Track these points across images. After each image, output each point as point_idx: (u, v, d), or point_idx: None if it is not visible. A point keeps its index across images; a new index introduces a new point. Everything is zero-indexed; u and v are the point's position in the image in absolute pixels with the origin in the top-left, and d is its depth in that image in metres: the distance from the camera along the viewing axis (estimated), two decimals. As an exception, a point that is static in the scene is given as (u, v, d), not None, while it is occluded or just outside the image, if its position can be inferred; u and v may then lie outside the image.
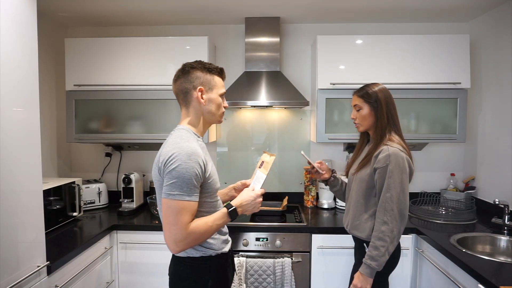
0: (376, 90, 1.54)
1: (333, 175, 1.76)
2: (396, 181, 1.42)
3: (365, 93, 1.55)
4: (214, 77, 1.32)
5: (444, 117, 2.29)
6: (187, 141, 1.22)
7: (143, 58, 2.33)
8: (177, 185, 1.15)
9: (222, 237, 1.36)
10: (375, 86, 1.57)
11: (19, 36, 1.33)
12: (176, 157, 1.15)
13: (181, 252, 1.26)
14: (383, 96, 1.53)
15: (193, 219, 1.20)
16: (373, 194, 1.52)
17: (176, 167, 1.15)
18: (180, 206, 1.15)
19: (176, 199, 1.15)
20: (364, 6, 2.27)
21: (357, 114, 1.59)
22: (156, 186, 1.27)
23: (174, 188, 1.15)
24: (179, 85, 1.31)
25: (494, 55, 2.30)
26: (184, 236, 1.16)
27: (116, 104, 2.37)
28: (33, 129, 1.41)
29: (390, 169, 1.43)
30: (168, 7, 2.29)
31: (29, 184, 1.39)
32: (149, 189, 2.65)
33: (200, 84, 1.30)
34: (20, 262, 1.34)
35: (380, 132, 1.53)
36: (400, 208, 1.43)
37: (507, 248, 1.86)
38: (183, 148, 1.17)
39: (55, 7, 2.28)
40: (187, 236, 1.16)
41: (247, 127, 2.72)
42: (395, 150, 1.45)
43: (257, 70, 2.46)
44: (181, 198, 1.15)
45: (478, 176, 2.48)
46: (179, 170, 1.14)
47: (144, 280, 2.13)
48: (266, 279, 2.00)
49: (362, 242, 1.56)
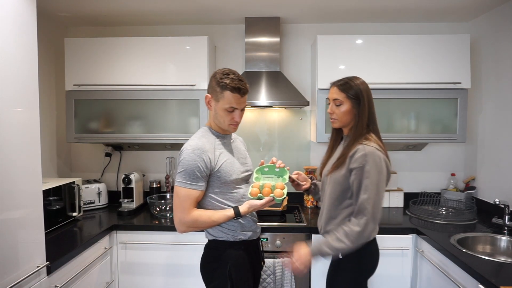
0: (358, 83, 1.42)
1: (313, 183, 1.67)
2: (373, 182, 1.33)
3: (348, 87, 1.42)
4: (225, 92, 1.38)
5: (444, 117, 2.29)
6: (199, 138, 1.42)
7: (143, 58, 2.32)
8: (182, 174, 1.36)
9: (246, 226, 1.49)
10: (356, 79, 1.45)
11: (19, 36, 1.33)
12: (183, 151, 1.38)
13: (209, 235, 1.48)
14: (366, 92, 1.42)
15: (197, 206, 1.41)
16: (347, 196, 1.42)
17: (182, 159, 1.36)
18: (183, 192, 1.36)
19: (181, 186, 1.36)
20: (364, 6, 2.27)
21: (335, 109, 1.46)
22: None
23: (181, 177, 1.36)
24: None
25: (494, 55, 2.30)
26: (186, 219, 1.36)
27: (116, 104, 2.37)
28: (33, 129, 1.41)
29: (367, 169, 1.33)
30: (168, 7, 2.29)
31: (29, 184, 1.39)
32: (149, 189, 2.65)
33: (210, 92, 1.44)
34: (20, 262, 1.33)
35: (359, 131, 1.42)
36: (374, 211, 1.33)
37: (507, 248, 1.86)
38: (190, 144, 1.39)
39: (55, 7, 2.28)
40: (189, 220, 1.36)
41: (247, 127, 2.71)
42: (372, 149, 1.35)
43: (257, 70, 2.46)
44: (184, 186, 1.36)
45: (479, 176, 2.48)
46: (184, 162, 1.36)
47: (144, 280, 2.12)
48: (266, 279, 2.00)
49: None
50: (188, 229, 1.39)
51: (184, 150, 1.38)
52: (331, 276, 1.52)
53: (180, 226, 1.38)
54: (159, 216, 2.30)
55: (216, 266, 1.44)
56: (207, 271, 1.47)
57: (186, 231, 1.40)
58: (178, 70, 2.32)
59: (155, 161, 2.75)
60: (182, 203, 1.36)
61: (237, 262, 1.43)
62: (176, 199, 1.37)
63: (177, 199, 1.37)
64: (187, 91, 2.30)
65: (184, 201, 1.35)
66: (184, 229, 1.39)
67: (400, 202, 2.54)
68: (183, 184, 1.35)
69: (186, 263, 2.09)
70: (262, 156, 2.73)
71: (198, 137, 1.42)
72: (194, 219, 1.36)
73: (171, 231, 2.09)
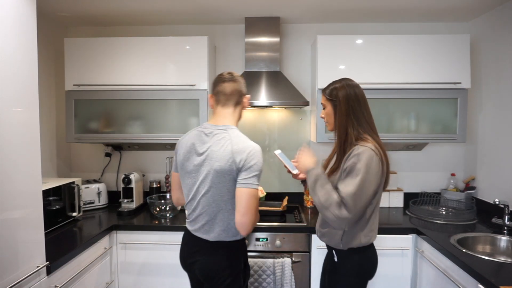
0: (338, 86, 1.44)
1: None
2: (361, 179, 1.29)
3: (326, 89, 1.49)
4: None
5: (444, 117, 2.29)
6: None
7: (143, 58, 2.32)
8: (258, 176, 1.38)
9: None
10: (338, 82, 1.46)
11: (19, 36, 1.33)
12: (255, 153, 1.38)
13: (229, 237, 1.46)
14: (344, 93, 1.41)
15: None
16: None
17: (257, 162, 1.37)
18: (256, 194, 1.38)
19: (256, 188, 1.37)
20: (364, 6, 2.27)
21: (324, 112, 1.52)
22: (221, 178, 1.40)
23: (257, 179, 1.38)
24: (238, 86, 1.50)
25: (494, 55, 2.30)
26: (257, 221, 1.43)
27: (116, 104, 2.37)
28: (33, 129, 1.41)
29: (358, 167, 1.30)
30: (168, 7, 2.29)
31: (29, 184, 1.38)
32: (149, 189, 2.65)
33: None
34: (20, 262, 1.33)
35: (341, 131, 1.42)
36: (355, 207, 1.28)
37: (507, 248, 1.86)
38: (254, 146, 1.41)
39: (55, 7, 2.28)
40: (257, 221, 1.43)
41: (247, 127, 2.71)
42: (365, 149, 1.33)
43: (257, 70, 2.46)
44: (257, 187, 1.39)
45: (478, 176, 2.48)
46: (259, 164, 1.38)
47: (144, 281, 2.12)
48: (266, 279, 2.00)
49: (331, 250, 1.49)
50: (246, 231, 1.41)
51: (254, 152, 1.38)
52: (330, 279, 1.52)
53: (251, 228, 1.40)
54: (159, 216, 2.30)
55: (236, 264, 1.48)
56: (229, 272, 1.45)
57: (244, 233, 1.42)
58: (178, 70, 2.32)
59: (155, 161, 2.75)
60: (256, 205, 1.38)
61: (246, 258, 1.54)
62: (255, 202, 1.37)
63: (255, 201, 1.37)
64: (187, 91, 2.30)
65: (257, 202, 1.39)
66: (251, 229, 1.41)
67: (400, 202, 2.54)
68: (257, 187, 1.38)
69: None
70: (262, 156, 2.73)
71: (248, 138, 1.45)
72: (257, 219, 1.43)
73: (171, 231, 2.09)
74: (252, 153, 1.37)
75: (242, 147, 1.37)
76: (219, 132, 1.44)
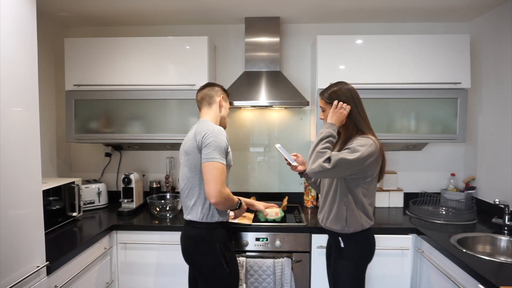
0: (336, 89, 1.59)
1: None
2: (356, 153, 1.46)
3: (323, 93, 1.63)
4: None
5: (444, 117, 2.29)
6: (215, 125, 1.66)
7: (143, 58, 2.32)
8: (218, 151, 1.55)
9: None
10: (335, 86, 1.61)
11: (19, 36, 1.33)
12: (212, 132, 1.57)
13: (201, 219, 1.62)
14: (344, 96, 1.57)
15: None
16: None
17: (215, 138, 1.56)
18: (221, 167, 1.54)
19: (218, 161, 1.54)
20: (364, 6, 2.27)
21: (323, 114, 1.66)
22: (189, 157, 1.63)
23: (217, 154, 1.54)
24: (206, 91, 1.79)
25: (494, 55, 2.30)
26: (225, 191, 1.58)
27: (116, 104, 2.37)
28: (33, 129, 1.41)
29: (355, 146, 1.48)
30: (168, 7, 2.29)
31: (29, 184, 1.38)
32: (149, 189, 2.65)
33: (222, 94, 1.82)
34: (20, 262, 1.33)
35: (345, 130, 1.59)
36: (337, 164, 1.44)
37: (507, 248, 1.86)
38: (214, 127, 1.61)
39: (55, 7, 2.28)
40: (226, 193, 1.59)
41: (247, 127, 2.72)
42: (366, 137, 1.52)
43: (257, 70, 2.46)
44: (221, 161, 1.55)
45: (478, 176, 2.48)
46: (218, 141, 1.56)
47: (144, 280, 2.12)
48: (266, 279, 2.00)
49: (337, 236, 1.61)
50: (223, 202, 1.55)
51: (211, 132, 1.56)
52: (337, 265, 1.62)
53: (219, 196, 1.52)
54: (159, 216, 2.30)
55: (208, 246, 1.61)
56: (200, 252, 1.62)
57: (220, 204, 1.55)
58: (178, 70, 2.32)
59: (155, 161, 2.75)
60: (222, 177, 1.54)
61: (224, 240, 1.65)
62: (217, 172, 1.52)
63: (217, 171, 1.52)
64: (187, 91, 2.30)
65: (222, 175, 1.54)
66: (222, 201, 1.54)
67: (400, 202, 2.54)
68: (220, 160, 1.54)
69: (186, 263, 2.08)
70: (261, 156, 2.73)
71: (214, 124, 1.65)
72: (228, 193, 1.59)
73: (171, 231, 2.09)
74: (208, 133, 1.57)
75: (201, 130, 1.59)
76: (195, 125, 1.71)
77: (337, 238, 1.61)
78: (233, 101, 2.24)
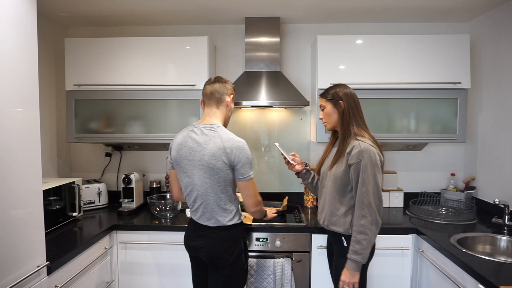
0: (337, 89, 1.64)
1: (305, 168, 1.85)
2: (370, 175, 1.49)
3: (326, 92, 1.67)
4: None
5: (444, 117, 2.29)
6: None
7: (143, 58, 2.32)
8: (251, 167, 1.60)
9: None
10: (336, 87, 1.66)
11: (19, 36, 1.33)
12: (244, 147, 1.57)
13: (227, 222, 1.64)
14: (343, 94, 1.62)
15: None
16: (348, 189, 1.58)
17: (246, 154, 1.57)
18: (254, 180, 1.63)
19: (253, 177, 1.61)
20: (364, 6, 2.27)
21: (322, 113, 1.70)
22: (215, 172, 1.57)
23: (250, 170, 1.59)
24: (218, 86, 1.68)
25: (494, 55, 2.30)
26: (261, 201, 1.72)
27: (116, 104, 2.37)
28: (33, 129, 1.41)
29: (363, 164, 1.49)
30: (168, 7, 2.29)
31: (29, 184, 1.39)
32: (149, 189, 2.65)
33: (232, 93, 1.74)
34: (20, 262, 1.34)
35: (345, 126, 1.61)
36: (376, 200, 1.49)
37: (507, 248, 1.86)
38: (240, 139, 1.59)
39: (55, 7, 2.28)
40: (261, 202, 1.72)
41: (247, 127, 2.72)
42: (366, 146, 1.52)
43: (257, 70, 2.46)
44: (253, 175, 1.62)
45: (478, 176, 2.48)
46: (250, 157, 1.59)
47: (144, 280, 2.13)
48: (266, 279, 2.00)
49: (340, 236, 1.62)
50: (260, 210, 1.70)
51: (244, 146, 1.56)
52: (338, 263, 1.63)
53: (259, 207, 1.68)
54: (159, 216, 2.30)
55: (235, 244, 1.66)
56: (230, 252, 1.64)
57: (258, 212, 1.70)
58: (178, 70, 2.32)
59: (155, 161, 2.75)
60: (256, 188, 1.64)
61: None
62: (254, 186, 1.63)
63: (254, 185, 1.62)
64: (187, 91, 2.31)
65: (256, 186, 1.64)
66: (259, 209, 1.69)
67: (400, 202, 2.54)
68: (253, 174, 1.61)
69: (186, 263, 2.08)
70: (261, 156, 2.73)
71: (234, 136, 1.61)
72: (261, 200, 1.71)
73: (171, 231, 2.09)
74: (240, 150, 1.55)
75: (230, 145, 1.55)
76: (207, 130, 1.61)
77: (339, 237, 1.62)
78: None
